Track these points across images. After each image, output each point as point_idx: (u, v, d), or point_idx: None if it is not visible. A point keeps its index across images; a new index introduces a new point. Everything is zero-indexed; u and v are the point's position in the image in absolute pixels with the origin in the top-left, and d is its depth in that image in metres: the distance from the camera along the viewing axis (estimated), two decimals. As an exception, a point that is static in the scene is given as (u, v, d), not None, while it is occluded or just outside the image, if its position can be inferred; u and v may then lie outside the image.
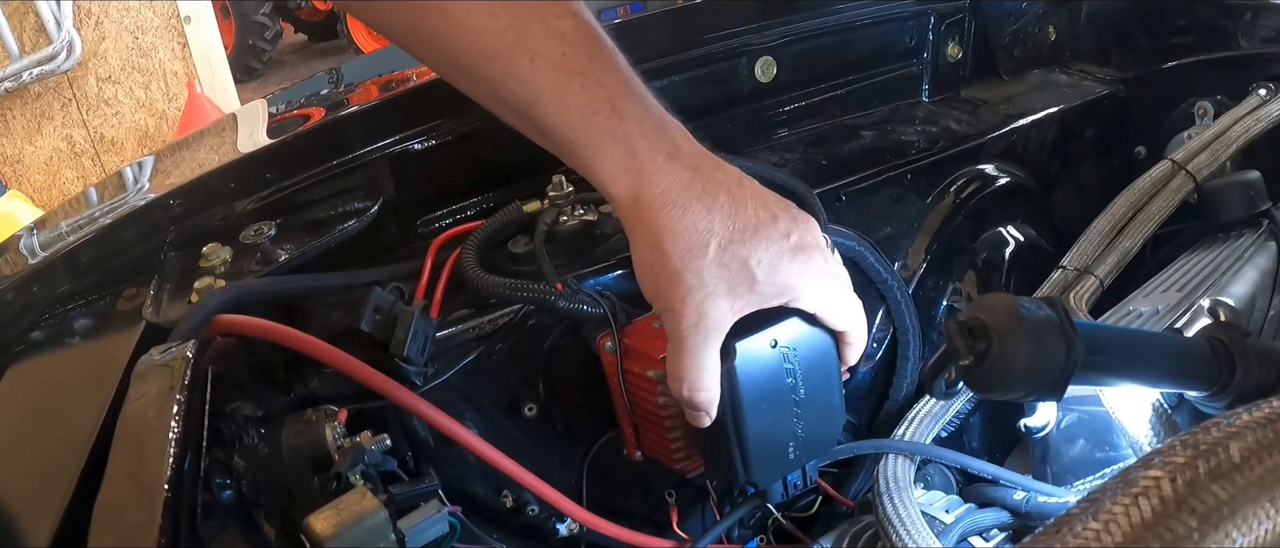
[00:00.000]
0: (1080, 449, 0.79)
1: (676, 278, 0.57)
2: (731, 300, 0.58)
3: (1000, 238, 0.97)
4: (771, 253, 0.58)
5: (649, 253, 0.58)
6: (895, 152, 0.93)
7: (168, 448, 0.42)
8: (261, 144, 0.94)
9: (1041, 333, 0.47)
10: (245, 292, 0.68)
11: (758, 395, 0.64)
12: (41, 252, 0.90)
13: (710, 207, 0.57)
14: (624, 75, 0.56)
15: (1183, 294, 0.80)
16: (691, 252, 0.56)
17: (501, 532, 0.79)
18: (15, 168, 3.84)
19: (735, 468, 0.66)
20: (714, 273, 0.57)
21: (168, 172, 1.05)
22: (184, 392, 0.48)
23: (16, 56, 3.56)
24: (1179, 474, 0.31)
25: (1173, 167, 0.95)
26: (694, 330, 0.58)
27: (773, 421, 0.66)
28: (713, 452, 0.68)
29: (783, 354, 0.64)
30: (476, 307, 0.75)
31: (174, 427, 0.44)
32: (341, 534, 0.48)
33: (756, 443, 0.65)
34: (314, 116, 1.00)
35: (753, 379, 0.63)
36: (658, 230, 0.56)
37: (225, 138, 1.09)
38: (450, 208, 0.88)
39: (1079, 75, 1.15)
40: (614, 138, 0.55)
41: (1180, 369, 0.57)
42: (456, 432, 0.66)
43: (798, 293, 0.61)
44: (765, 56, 0.95)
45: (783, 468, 0.70)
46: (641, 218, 0.57)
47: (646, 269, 0.59)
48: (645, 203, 0.56)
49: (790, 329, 0.64)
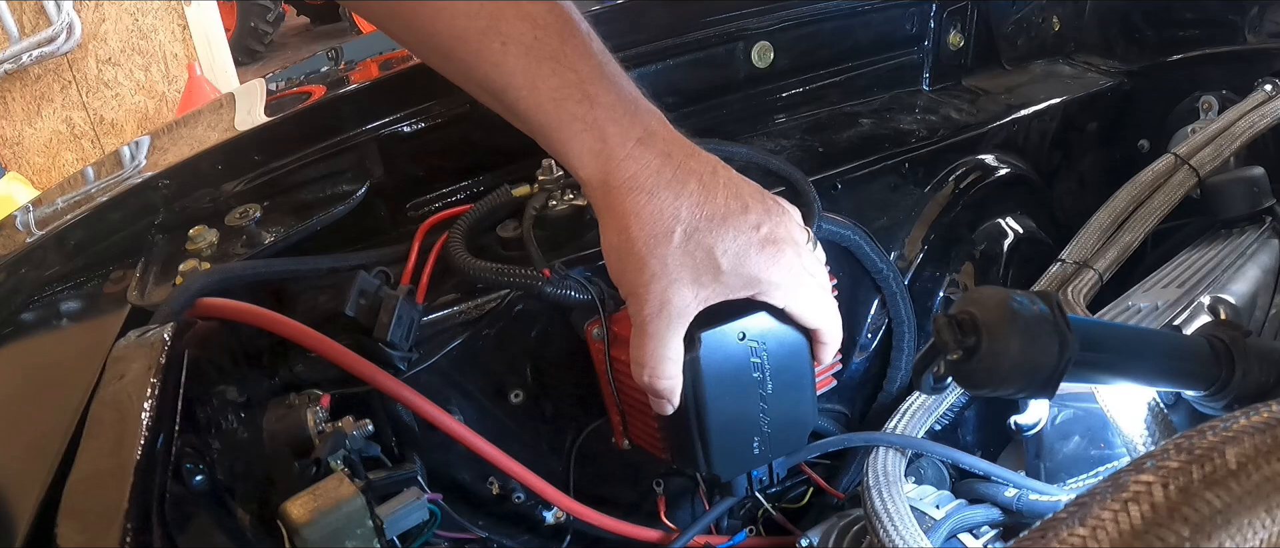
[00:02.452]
0: (1075, 446, 0.78)
1: (641, 263, 0.57)
2: (696, 289, 0.58)
3: (999, 230, 0.96)
4: (739, 243, 0.58)
5: (616, 237, 0.57)
6: (894, 140, 0.92)
7: (139, 431, 0.41)
8: (256, 124, 0.93)
9: (1033, 329, 0.46)
10: (228, 275, 0.68)
11: (721, 387, 0.63)
12: (35, 232, 0.89)
13: (679, 193, 0.56)
14: (597, 61, 0.55)
15: (1183, 290, 0.79)
16: (657, 237, 0.56)
17: (488, 519, 0.79)
18: (15, 150, 3.83)
19: (697, 458, 0.66)
20: (678, 260, 0.57)
21: (163, 151, 1.04)
22: (159, 375, 0.47)
23: (16, 38, 3.55)
24: (1172, 480, 0.30)
25: (1176, 161, 0.94)
26: (656, 316, 0.58)
27: (737, 413, 0.65)
28: (676, 440, 0.67)
29: (750, 348, 0.63)
30: (464, 292, 0.74)
31: (146, 410, 0.43)
32: (317, 522, 0.47)
33: (718, 435, 0.65)
34: (314, 94, 1.00)
35: (717, 370, 0.62)
36: (625, 215, 0.56)
37: (222, 117, 1.08)
38: (440, 191, 0.87)
39: (1083, 67, 1.13)
40: (584, 123, 0.55)
41: (1178, 368, 0.56)
42: (439, 418, 0.65)
43: (765, 286, 0.60)
44: (762, 41, 0.93)
45: (746, 462, 0.69)
46: (610, 202, 0.57)
47: (613, 253, 0.58)
48: (614, 187, 0.56)
49: (760, 323, 0.63)
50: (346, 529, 0.48)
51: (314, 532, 0.47)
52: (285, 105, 1.03)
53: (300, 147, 0.84)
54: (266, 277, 0.70)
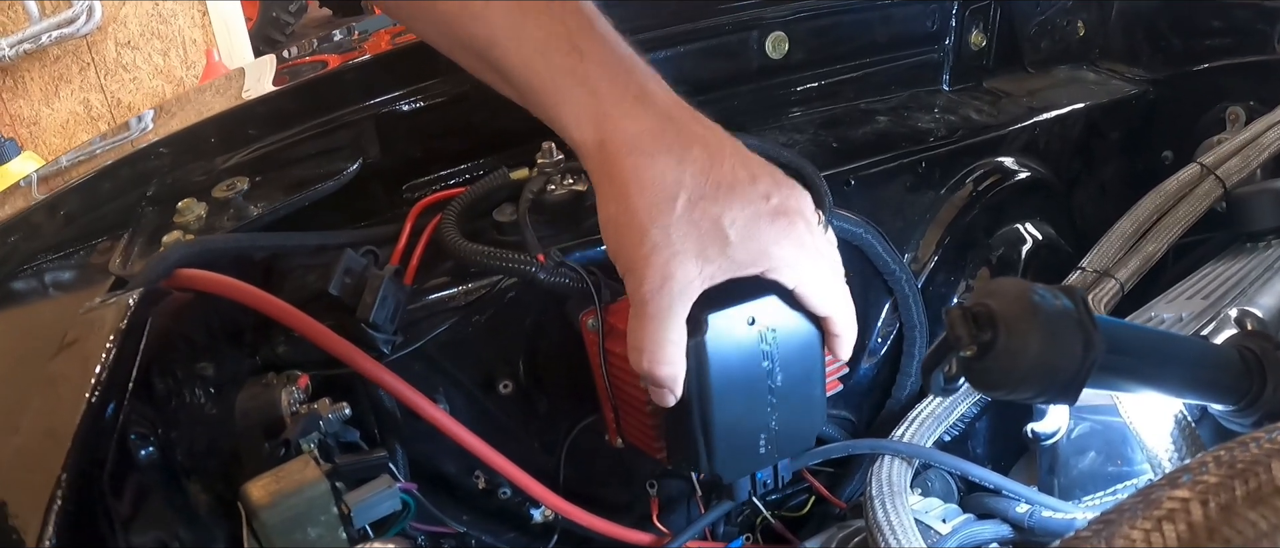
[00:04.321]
0: (1091, 462, 0.74)
1: (641, 233, 0.52)
2: (701, 263, 0.53)
3: (1017, 235, 0.93)
4: (748, 213, 0.53)
5: (614, 205, 0.53)
6: (911, 138, 0.88)
7: (83, 397, 0.38)
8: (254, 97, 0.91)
9: (1056, 325, 0.42)
10: (210, 247, 0.65)
11: (729, 377, 0.58)
12: (35, 200, 0.87)
13: (682, 158, 0.52)
14: (587, 15, 0.52)
15: (1208, 302, 0.75)
16: (659, 205, 0.51)
17: (472, 514, 0.76)
18: (32, 129, 3.84)
19: (698, 456, 0.60)
20: (682, 230, 0.52)
21: (163, 124, 1.02)
22: (117, 341, 0.44)
23: (36, 19, 3.56)
24: (1212, 497, 0.26)
25: (1202, 170, 0.90)
26: (658, 293, 0.53)
27: (744, 408, 0.59)
28: (676, 435, 0.62)
29: (760, 335, 0.58)
30: (456, 276, 0.71)
31: (95, 376, 0.40)
32: (278, 505, 0.44)
33: (723, 431, 0.59)
34: (330, 64, 0.97)
35: (724, 358, 0.57)
36: (624, 180, 0.52)
37: (228, 91, 1.06)
38: (439, 173, 0.84)
39: (1107, 74, 1.10)
40: (574, 78, 0.51)
41: (1208, 379, 0.52)
42: (420, 405, 0.62)
43: (775, 262, 0.55)
44: (777, 31, 0.90)
45: (752, 463, 0.63)
46: (607, 168, 0.52)
47: (611, 225, 0.54)
48: (611, 150, 0.52)
49: (770, 309, 0.58)
50: (309, 515, 0.44)
51: (273, 515, 0.44)
52: (296, 77, 1.01)
53: (295, 122, 0.82)
54: (249, 250, 0.68)
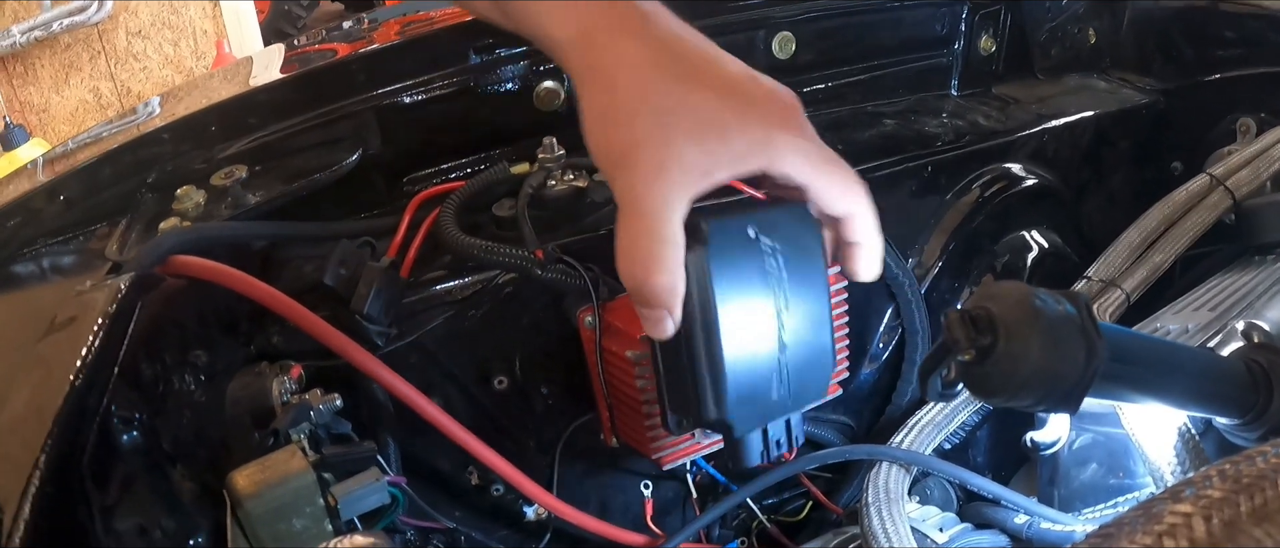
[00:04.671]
0: (1092, 474, 0.73)
1: (631, 119, 0.46)
2: (698, 149, 0.46)
3: (1023, 242, 0.92)
4: (745, 98, 0.47)
5: (601, 96, 0.47)
6: (917, 142, 0.87)
7: (66, 381, 0.38)
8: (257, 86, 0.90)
9: (1058, 331, 0.41)
10: (205, 234, 0.64)
11: (735, 297, 0.49)
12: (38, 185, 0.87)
13: (674, 43, 0.47)
14: None
15: (1215, 314, 0.74)
16: (650, 85, 0.46)
17: (465, 510, 0.75)
18: (41, 116, 3.85)
19: (705, 398, 0.51)
20: (676, 113, 0.46)
21: (172, 110, 1.02)
22: (103, 325, 0.44)
23: (47, 6, 3.56)
24: (1215, 512, 0.26)
25: (1211, 181, 0.89)
26: (652, 183, 0.46)
27: (753, 337, 0.50)
28: (676, 377, 0.53)
29: (768, 249, 0.49)
30: (453, 270, 0.70)
31: (82, 358, 0.40)
32: (263, 495, 0.44)
33: (734, 363, 0.50)
34: (339, 53, 0.96)
35: (728, 273, 0.49)
36: (612, 67, 0.47)
37: (234, 79, 1.05)
38: (441, 167, 0.83)
39: (1118, 82, 1.08)
40: None
41: (1213, 391, 0.51)
42: (412, 397, 0.61)
43: (780, 150, 0.47)
44: (784, 31, 0.89)
45: (765, 410, 0.53)
46: (592, 58, 0.47)
47: (598, 119, 0.47)
48: (597, 37, 0.47)
49: (775, 219, 0.50)
50: (294, 506, 0.44)
51: (258, 505, 0.43)
52: (297, 68, 1.01)
53: (296, 111, 0.81)
54: (246, 238, 0.67)
